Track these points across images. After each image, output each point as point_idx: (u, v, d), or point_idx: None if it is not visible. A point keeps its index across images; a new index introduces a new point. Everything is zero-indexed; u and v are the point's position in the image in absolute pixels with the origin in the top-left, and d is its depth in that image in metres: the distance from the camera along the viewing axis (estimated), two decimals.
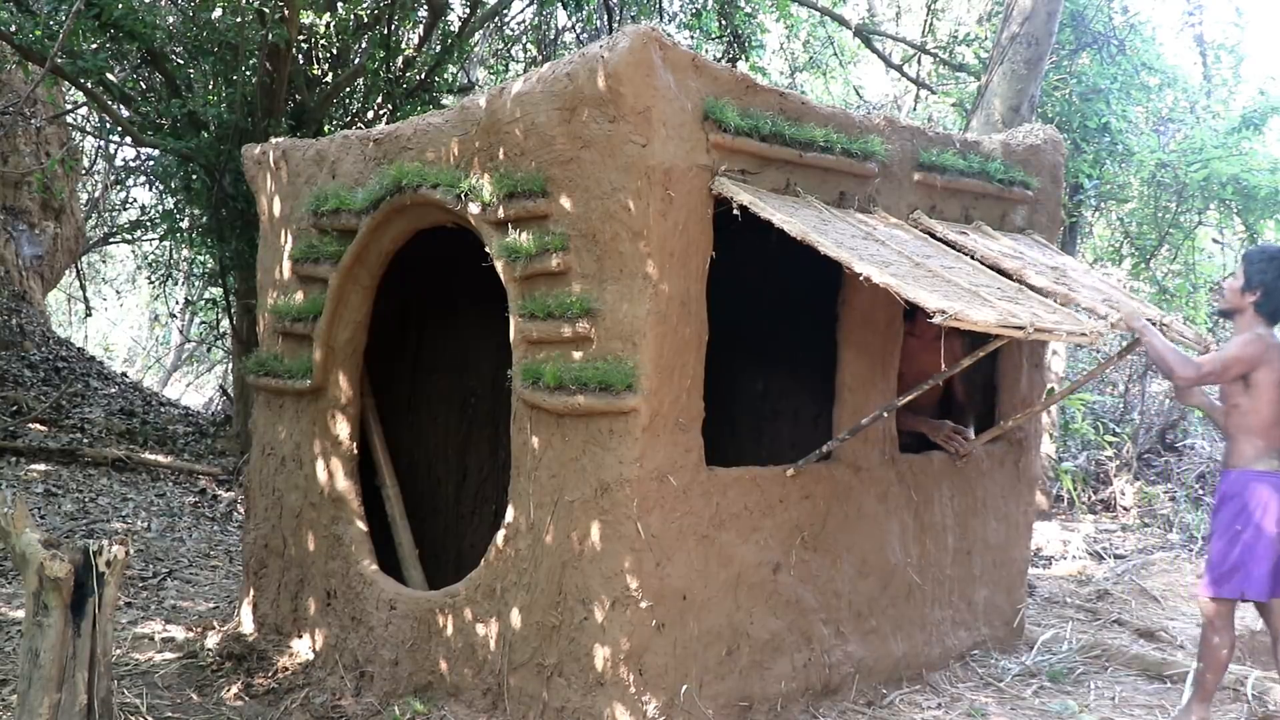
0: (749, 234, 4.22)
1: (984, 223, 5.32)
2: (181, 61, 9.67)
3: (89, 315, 15.72)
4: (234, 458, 9.85)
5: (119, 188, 14.07)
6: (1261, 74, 24.36)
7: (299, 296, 5.19)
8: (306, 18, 8.95)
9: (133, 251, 16.62)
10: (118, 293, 19.07)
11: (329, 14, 9.39)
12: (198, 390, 19.93)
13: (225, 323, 12.08)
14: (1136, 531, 9.32)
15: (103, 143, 13.57)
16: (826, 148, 4.49)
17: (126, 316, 22.74)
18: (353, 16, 9.70)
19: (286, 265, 5.27)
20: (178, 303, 16.36)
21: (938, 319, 3.61)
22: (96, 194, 15.43)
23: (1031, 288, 4.57)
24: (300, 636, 5.11)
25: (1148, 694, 5.15)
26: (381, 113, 10.10)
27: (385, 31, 9.94)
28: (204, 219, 9.91)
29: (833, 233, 4.15)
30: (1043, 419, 6.63)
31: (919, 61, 14.24)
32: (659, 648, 4.03)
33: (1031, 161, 5.70)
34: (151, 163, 11.44)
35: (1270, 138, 11.74)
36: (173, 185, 10.27)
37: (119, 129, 10.18)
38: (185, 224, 10.85)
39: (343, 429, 5.05)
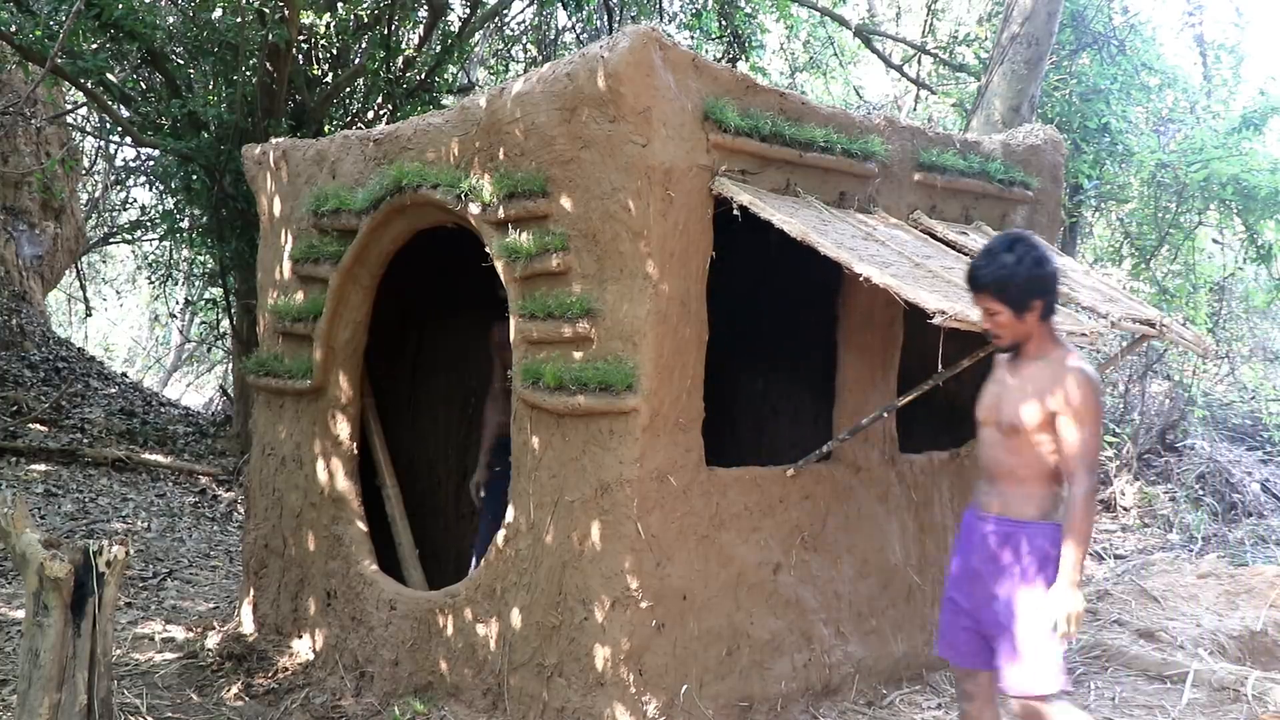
0: (749, 234, 4.22)
1: (984, 223, 5.32)
2: (181, 61, 9.67)
3: (89, 315, 15.72)
4: (234, 458, 9.85)
5: (119, 188, 14.07)
6: (1261, 74, 24.38)
7: (299, 296, 5.19)
8: (306, 18, 8.94)
9: (133, 251, 16.62)
10: (118, 293, 19.06)
11: (329, 14, 9.39)
12: (198, 390, 19.90)
13: (225, 323, 12.07)
14: (1137, 532, 9.31)
15: (103, 143, 13.58)
16: (826, 148, 4.49)
17: (126, 316, 22.72)
18: (353, 16, 9.71)
19: (287, 265, 5.27)
20: (178, 303, 16.35)
21: (938, 319, 3.61)
22: (96, 194, 15.43)
23: None
24: (300, 636, 5.10)
25: (1148, 694, 5.14)
26: (381, 113, 10.10)
27: (385, 31, 9.93)
28: (204, 219, 9.91)
29: (833, 233, 4.15)
30: None
31: (919, 62, 14.23)
32: (659, 648, 4.03)
33: (1031, 161, 5.70)
34: (151, 163, 11.44)
35: (1270, 138, 11.72)
36: (173, 185, 10.27)
37: (119, 129, 10.19)
38: (185, 224, 10.86)
39: (343, 429, 5.05)
